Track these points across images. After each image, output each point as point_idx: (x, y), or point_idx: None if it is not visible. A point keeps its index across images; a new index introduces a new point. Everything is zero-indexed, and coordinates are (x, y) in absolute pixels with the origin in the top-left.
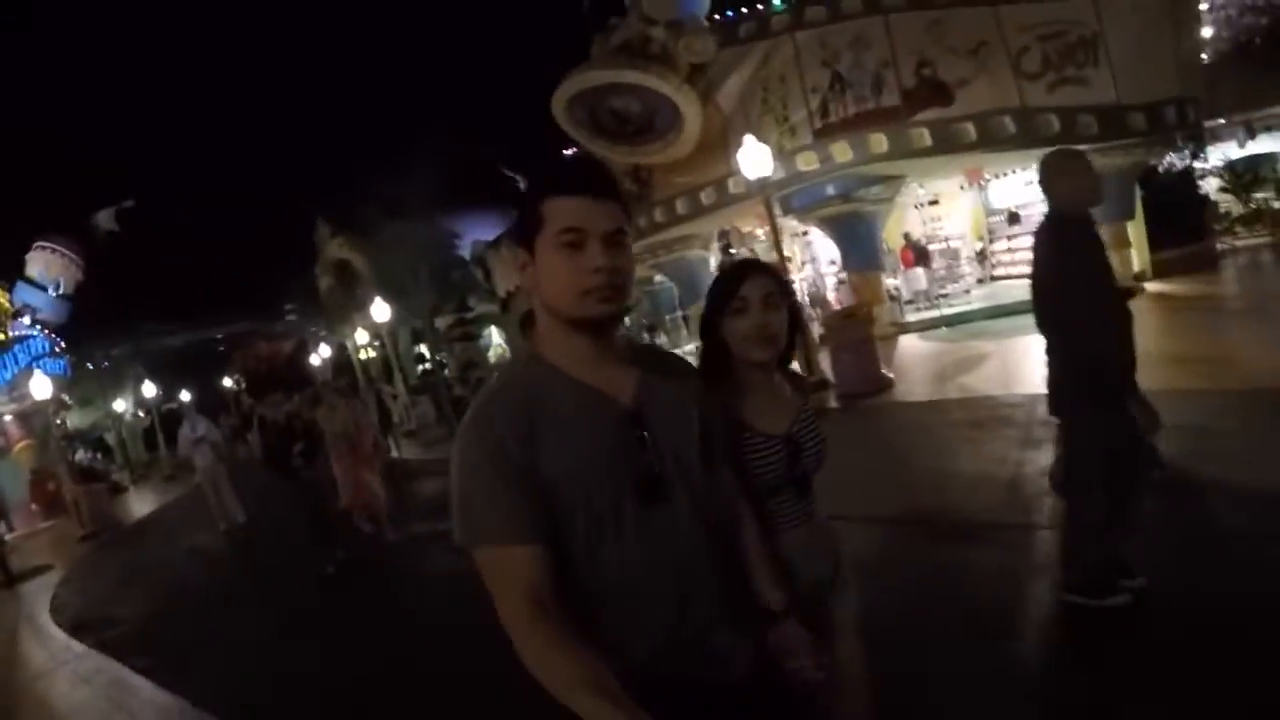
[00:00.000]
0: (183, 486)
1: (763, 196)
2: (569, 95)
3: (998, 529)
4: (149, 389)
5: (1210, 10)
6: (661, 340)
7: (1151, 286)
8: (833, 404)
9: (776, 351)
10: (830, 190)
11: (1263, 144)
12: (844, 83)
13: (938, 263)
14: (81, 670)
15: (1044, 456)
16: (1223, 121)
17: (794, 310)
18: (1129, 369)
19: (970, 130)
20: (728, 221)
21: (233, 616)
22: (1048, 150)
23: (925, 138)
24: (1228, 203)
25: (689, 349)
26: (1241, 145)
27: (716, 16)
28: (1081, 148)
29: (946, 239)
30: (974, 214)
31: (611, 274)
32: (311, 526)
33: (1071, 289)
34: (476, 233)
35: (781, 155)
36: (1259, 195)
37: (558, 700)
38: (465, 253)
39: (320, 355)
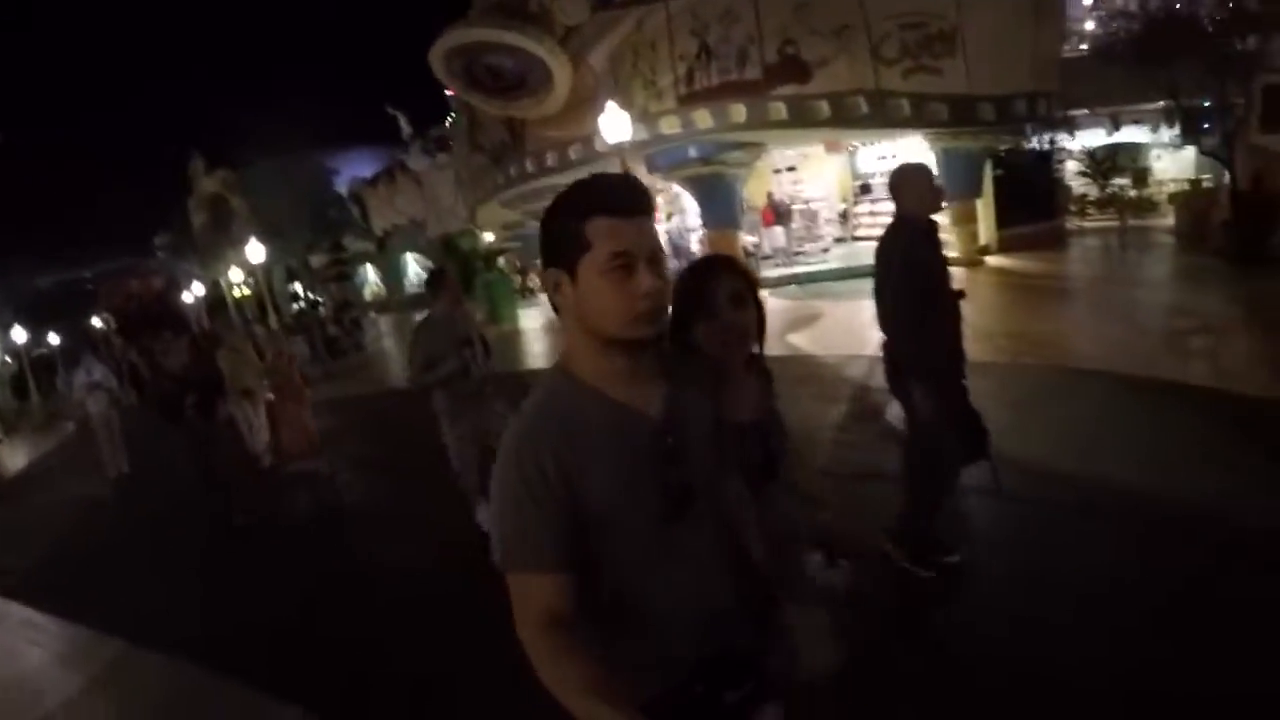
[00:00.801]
0: (59, 436)
1: (621, 156)
2: (446, 49)
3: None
4: (18, 334)
5: (1087, 10)
6: (533, 282)
7: (994, 260)
8: None
9: (747, 350)
10: (693, 152)
11: (1127, 134)
12: (710, 53)
13: (797, 223)
14: None
15: (837, 413)
16: (1086, 112)
17: (760, 305)
18: (957, 357)
19: (825, 108)
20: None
21: (135, 560)
22: (899, 129)
23: (782, 111)
24: (1085, 187)
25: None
26: (1110, 134)
27: None
28: (930, 130)
29: (807, 201)
30: (840, 178)
31: (658, 296)
32: (205, 477)
33: (907, 287)
34: (354, 169)
35: (647, 117)
36: (1116, 181)
37: (569, 710)
38: (343, 189)
39: (193, 293)
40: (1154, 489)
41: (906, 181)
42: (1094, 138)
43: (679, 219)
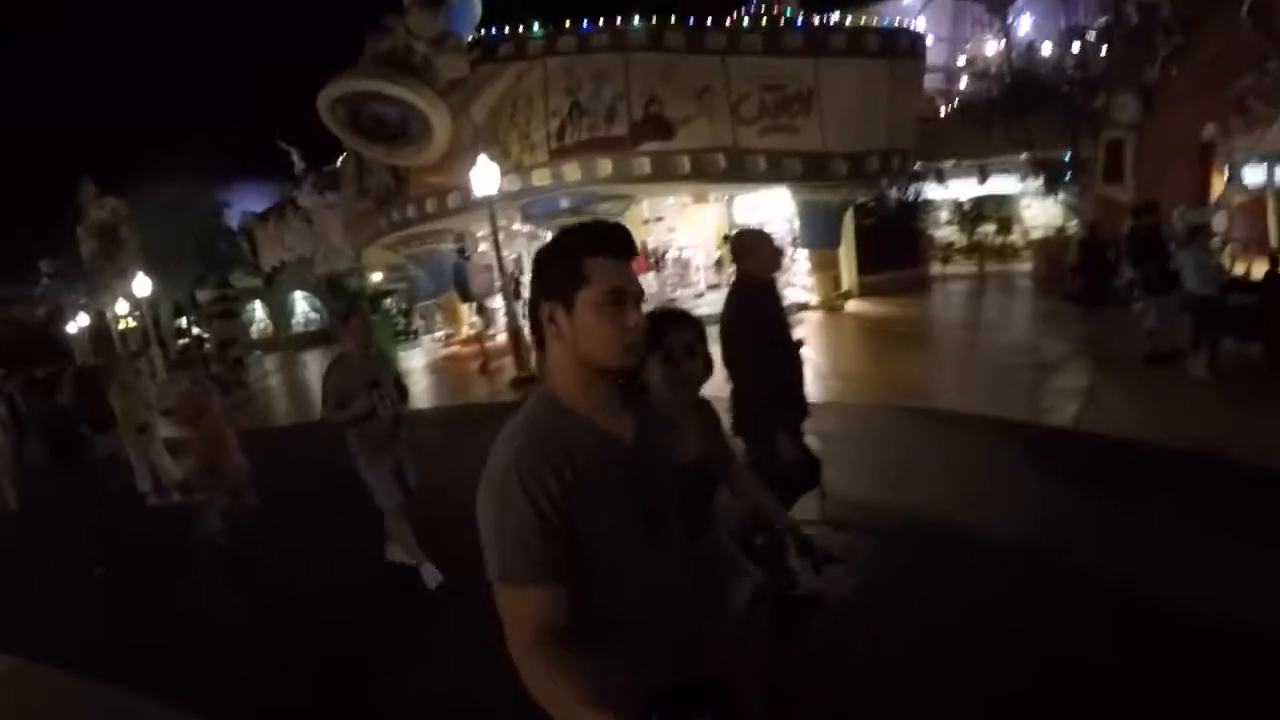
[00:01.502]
0: None
1: (491, 207)
2: (332, 97)
3: None
4: None
5: (959, 70)
6: (418, 324)
7: (853, 305)
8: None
9: (694, 395)
10: (564, 203)
11: (999, 185)
12: (581, 110)
13: (669, 270)
14: None
15: None
16: (953, 163)
17: (708, 356)
18: (798, 402)
19: (686, 163)
20: (474, 222)
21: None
22: (756, 184)
23: (645, 166)
24: (955, 235)
25: (439, 334)
26: (980, 184)
27: (482, 31)
28: (784, 185)
29: (680, 249)
30: (716, 226)
31: (642, 330)
32: (98, 520)
33: (744, 342)
34: (247, 202)
35: (520, 169)
36: (982, 229)
37: None
38: (234, 223)
39: (78, 323)
40: (961, 515)
41: (747, 247)
42: (967, 188)
43: None
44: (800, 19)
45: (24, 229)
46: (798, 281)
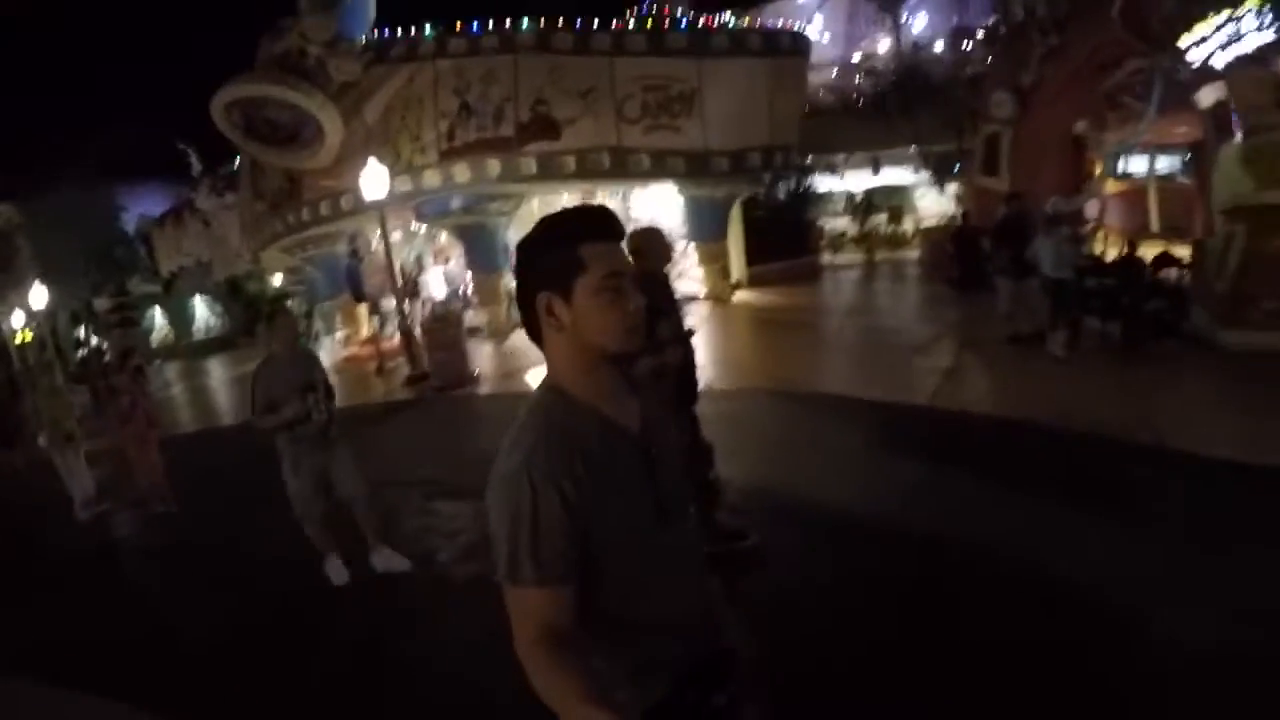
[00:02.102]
0: None
1: (381, 210)
2: (225, 101)
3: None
4: None
5: (856, 66)
6: (317, 326)
7: (741, 295)
8: (429, 394)
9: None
10: (456, 203)
11: (894, 176)
12: (470, 111)
13: None
14: None
15: None
16: (842, 157)
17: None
18: (689, 389)
19: (571, 163)
20: (368, 224)
21: None
22: (640, 182)
23: (532, 166)
24: (844, 225)
25: (339, 335)
26: (875, 174)
27: (374, 33)
28: (668, 182)
29: None
30: None
31: (643, 312)
32: None
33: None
34: (143, 206)
35: (412, 170)
36: (874, 219)
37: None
38: (130, 227)
39: None
40: (809, 489)
41: (641, 247)
42: (862, 179)
43: (456, 261)
44: (685, 20)
45: None
46: (688, 273)
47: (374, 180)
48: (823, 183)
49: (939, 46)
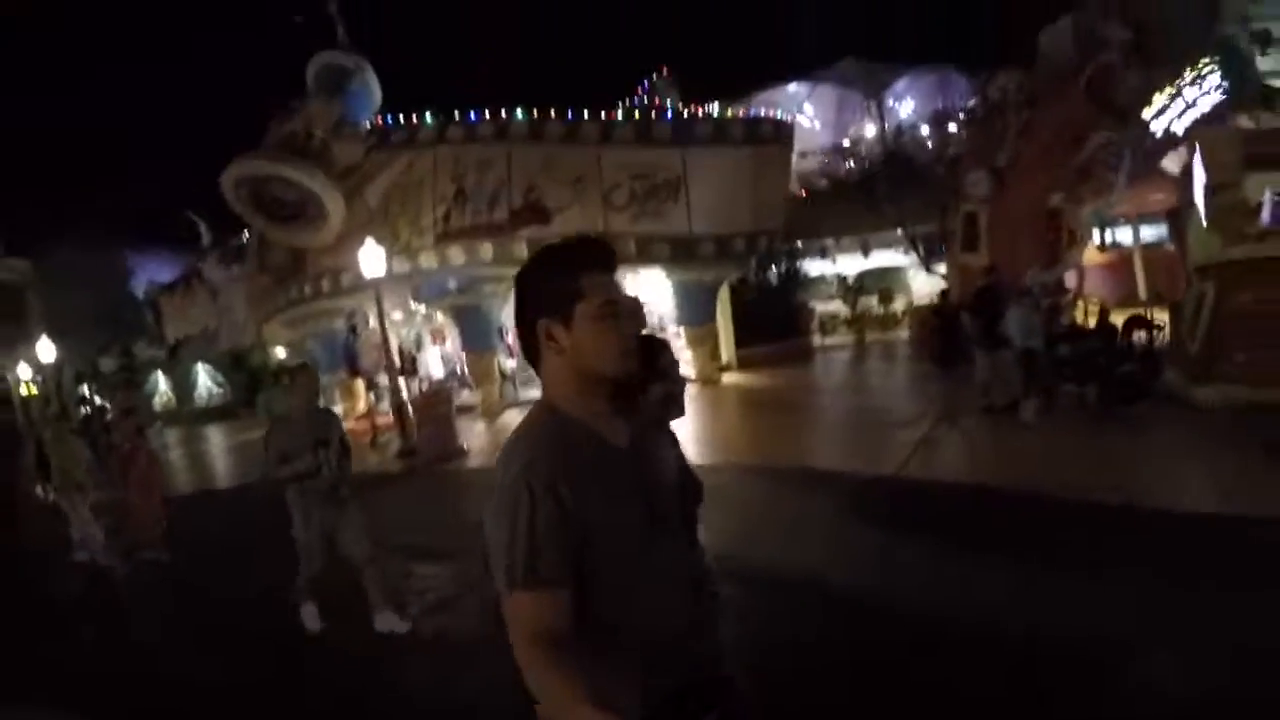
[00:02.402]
0: None
1: (377, 289)
2: (235, 177)
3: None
4: None
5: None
6: (321, 402)
7: (731, 377)
8: (418, 466)
9: (679, 413)
10: (451, 284)
11: (886, 258)
12: (466, 196)
13: None
14: None
15: None
16: (832, 240)
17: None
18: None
19: None
20: (367, 301)
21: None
22: (626, 266)
23: (524, 250)
24: (836, 307)
25: (337, 409)
26: (865, 257)
27: (379, 119)
28: (655, 266)
29: None
30: None
31: (636, 338)
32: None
33: None
34: (153, 272)
35: (409, 251)
36: (865, 301)
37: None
38: (139, 291)
39: None
40: (789, 558)
41: None
42: (853, 262)
43: (452, 341)
44: (670, 111)
45: None
46: (678, 356)
47: (371, 259)
48: (815, 266)
49: (925, 130)
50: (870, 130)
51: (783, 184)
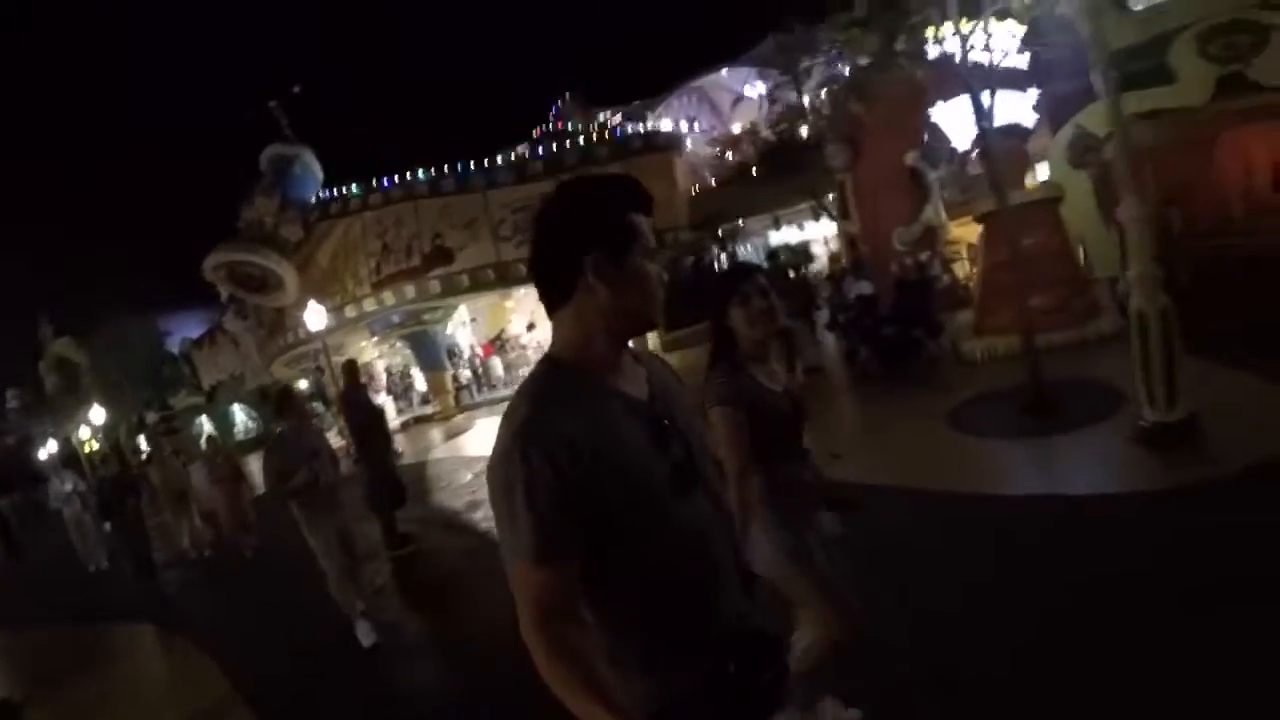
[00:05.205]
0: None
1: (323, 340)
2: (212, 264)
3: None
4: None
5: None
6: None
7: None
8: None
9: (773, 329)
10: (395, 318)
11: (785, 234)
12: (388, 249)
13: (511, 354)
14: None
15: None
16: (741, 222)
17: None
18: None
19: (465, 280)
20: (346, 340)
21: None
22: (521, 287)
23: (436, 286)
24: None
25: (336, 443)
26: (778, 230)
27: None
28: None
29: (517, 335)
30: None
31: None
32: (137, 565)
33: None
34: (185, 329)
35: (355, 300)
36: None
37: (569, 708)
38: (174, 348)
39: (47, 449)
40: None
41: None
42: (784, 236)
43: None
44: (542, 150)
45: None
46: None
47: (314, 316)
48: (744, 248)
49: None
50: (750, 115)
51: (670, 184)
